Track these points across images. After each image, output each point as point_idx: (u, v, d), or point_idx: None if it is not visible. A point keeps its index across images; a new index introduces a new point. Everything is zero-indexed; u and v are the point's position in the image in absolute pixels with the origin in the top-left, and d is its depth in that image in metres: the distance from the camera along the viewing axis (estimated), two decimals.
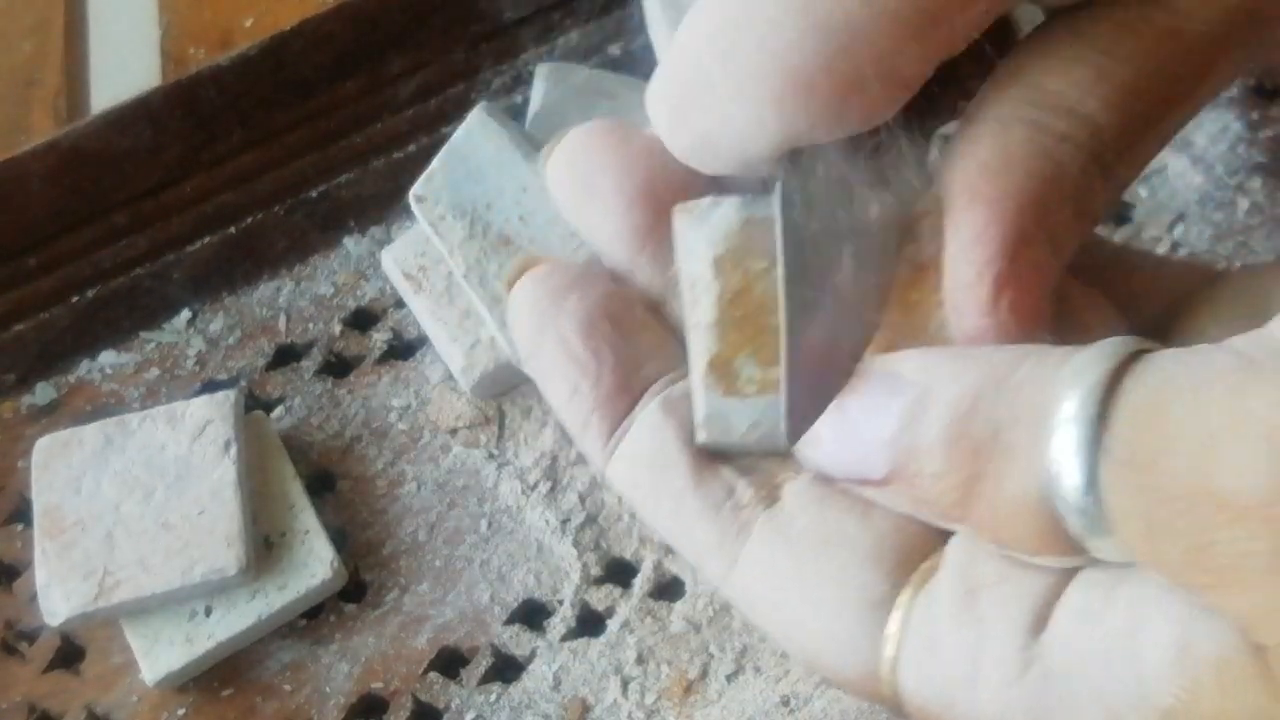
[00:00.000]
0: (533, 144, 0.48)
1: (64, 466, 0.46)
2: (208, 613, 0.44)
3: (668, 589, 0.44)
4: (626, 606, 0.44)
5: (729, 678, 0.43)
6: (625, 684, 0.43)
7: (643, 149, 0.26)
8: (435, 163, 0.48)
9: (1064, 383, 0.20)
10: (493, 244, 0.46)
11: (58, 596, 0.44)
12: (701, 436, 0.24)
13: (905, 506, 0.23)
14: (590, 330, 0.25)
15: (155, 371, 0.51)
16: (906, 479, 0.22)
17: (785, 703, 0.41)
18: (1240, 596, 0.19)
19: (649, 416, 0.25)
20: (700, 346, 0.24)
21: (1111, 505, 0.20)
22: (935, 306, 0.24)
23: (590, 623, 0.44)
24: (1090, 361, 0.20)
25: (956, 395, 0.21)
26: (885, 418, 0.22)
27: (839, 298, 0.23)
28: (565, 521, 0.45)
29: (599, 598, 0.44)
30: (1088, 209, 0.23)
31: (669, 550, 0.45)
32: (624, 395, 0.25)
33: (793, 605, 0.23)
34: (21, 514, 0.48)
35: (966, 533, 0.22)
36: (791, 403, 0.23)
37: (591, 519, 0.45)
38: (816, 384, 0.23)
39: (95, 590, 0.43)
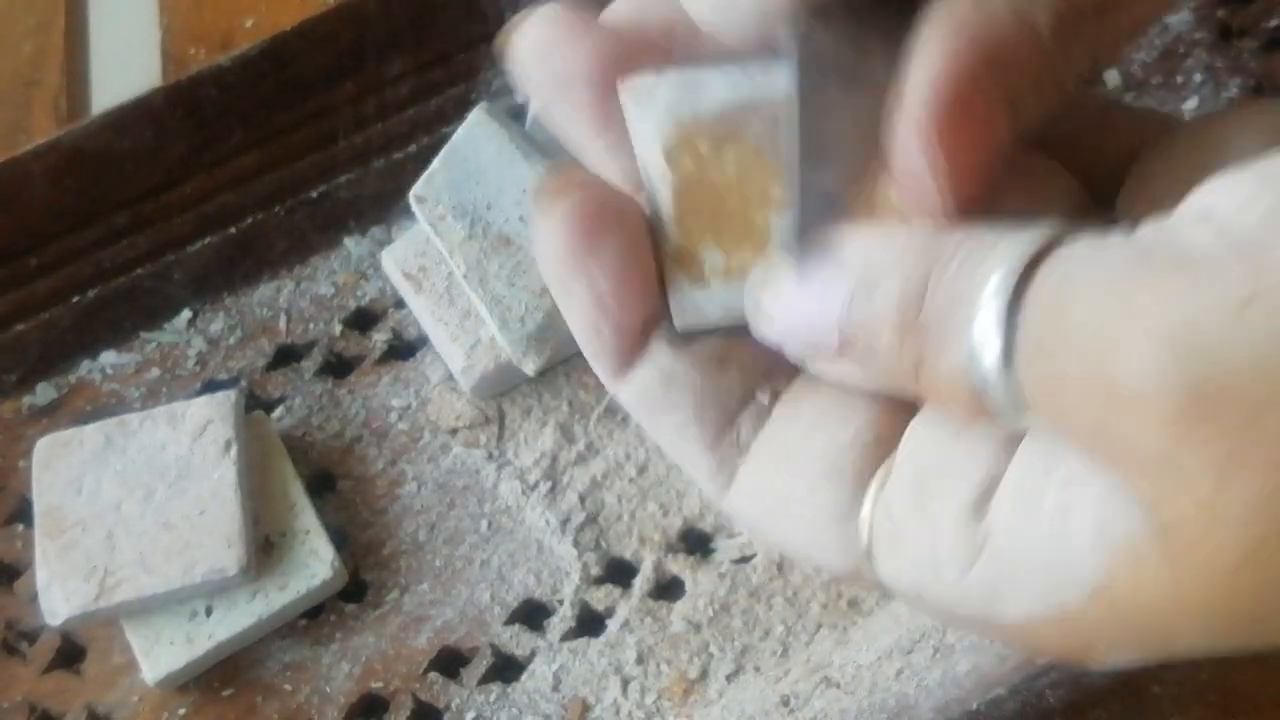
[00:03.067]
0: (533, 144, 0.48)
1: (65, 467, 0.46)
2: (208, 612, 0.44)
3: (667, 589, 0.44)
4: (626, 606, 0.44)
5: (729, 677, 0.43)
6: (625, 684, 0.43)
7: (602, 37, 0.26)
8: (436, 163, 0.48)
9: (988, 268, 0.21)
10: (493, 244, 0.46)
11: (58, 596, 0.44)
12: (677, 324, 0.25)
13: (861, 377, 0.24)
14: (621, 282, 0.26)
15: (156, 371, 0.51)
16: (859, 354, 0.23)
17: (785, 702, 0.41)
18: (1139, 479, 0.20)
19: (657, 357, 0.26)
20: (663, 238, 0.25)
21: (1025, 389, 0.21)
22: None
23: (590, 623, 0.44)
24: (1011, 249, 0.21)
25: (902, 280, 0.22)
26: (831, 301, 0.23)
27: (841, 148, 0.24)
28: (565, 521, 0.46)
29: (599, 598, 0.45)
30: (1058, 76, 0.24)
31: (669, 550, 0.45)
32: (640, 334, 0.26)
33: (778, 520, 0.25)
34: (22, 514, 0.48)
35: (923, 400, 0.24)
36: (800, 255, 0.23)
37: (591, 519, 0.45)
38: (820, 239, 0.24)
39: (96, 590, 0.43)
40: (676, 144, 0.25)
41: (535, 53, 0.26)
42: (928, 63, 0.23)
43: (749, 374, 0.26)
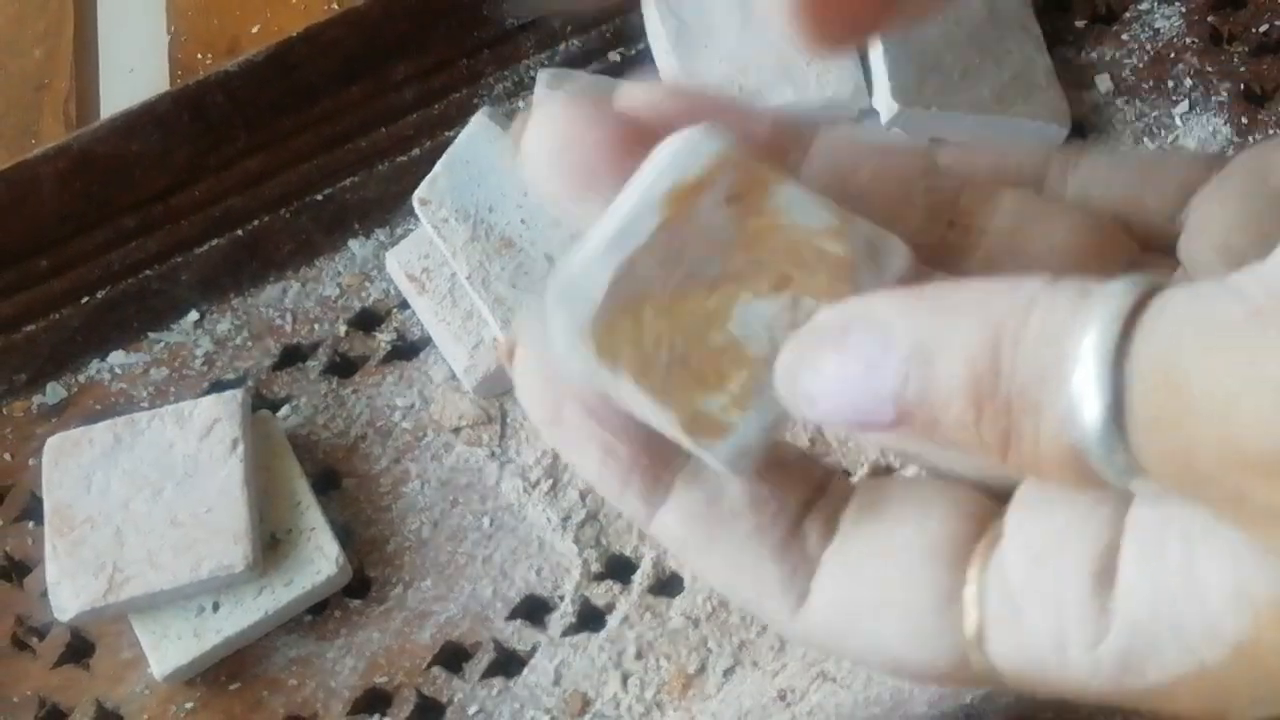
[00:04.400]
0: None
1: (74, 465, 0.46)
2: (215, 608, 0.45)
3: (667, 585, 0.45)
4: (626, 602, 0.45)
5: (727, 672, 0.43)
6: (625, 678, 0.43)
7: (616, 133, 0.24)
8: (439, 166, 0.48)
9: (1082, 321, 0.20)
10: (495, 246, 0.47)
11: (68, 593, 0.44)
12: (732, 469, 0.24)
13: (920, 444, 0.22)
14: (627, 427, 0.24)
15: (164, 371, 0.51)
16: (921, 427, 0.22)
17: (782, 696, 0.42)
18: None
19: (698, 473, 0.24)
20: (662, 416, 0.23)
21: (1143, 457, 0.20)
22: None
23: (591, 618, 0.45)
24: (1107, 299, 0.20)
25: (967, 345, 0.20)
26: (882, 373, 0.21)
27: None
28: (566, 519, 0.46)
29: (599, 593, 0.45)
30: None
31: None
32: (661, 449, 0.24)
33: (868, 623, 0.23)
34: (32, 512, 0.49)
35: (995, 466, 0.22)
36: None
37: (592, 516, 0.46)
38: None
39: (105, 586, 0.44)
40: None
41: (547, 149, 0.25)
42: None
43: (803, 485, 0.24)
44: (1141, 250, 0.25)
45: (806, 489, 0.24)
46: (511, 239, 0.47)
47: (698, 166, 0.23)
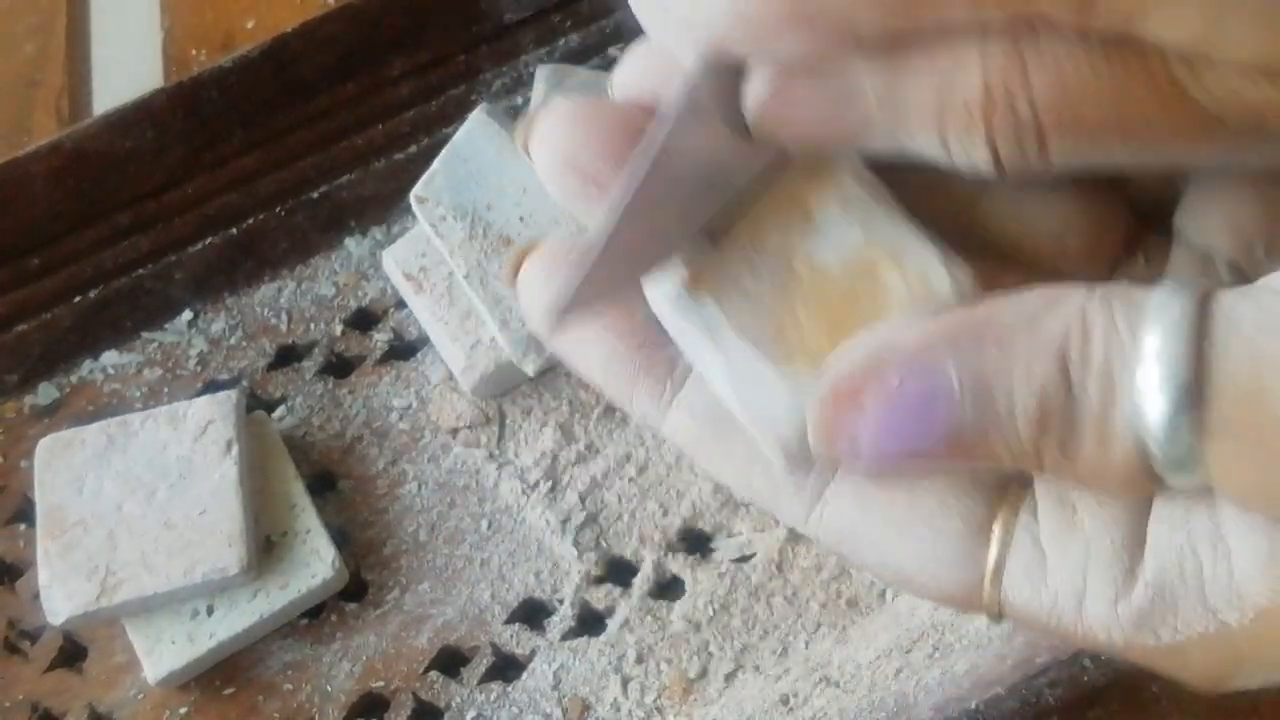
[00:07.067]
0: None
1: (66, 466, 0.46)
2: (209, 612, 0.44)
3: (667, 588, 0.45)
4: (626, 606, 0.44)
5: (728, 676, 0.43)
6: (625, 683, 0.43)
7: (617, 123, 0.25)
8: (436, 164, 0.48)
9: (1140, 343, 0.20)
10: (493, 245, 0.46)
11: (60, 596, 0.44)
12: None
13: (968, 466, 0.23)
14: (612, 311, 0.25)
15: (157, 371, 0.51)
16: (966, 450, 0.22)
17: (784, 701, 0.42)
18: None
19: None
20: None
21: (1218, 474, 0.20)
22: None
23: (590, 622, 0.45)
24: (1161, 316, 0.20)
25: (1039, 384, 0.21)
26: (936, 413, 0.22)
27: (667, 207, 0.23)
28: (565, 521, 0.46)
29: (599, 597, 0.45)
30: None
31: (669, 550, 0.45)
32: (666, 349, 0.24)
33: (888, 536, 0.24)
34: (24, 514, 0.48)
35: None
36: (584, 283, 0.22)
37: (591, 518, 0.46)
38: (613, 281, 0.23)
39: (97, 590, 0.44)
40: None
41: (552, 148, 0.26)
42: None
43: None
44: (1135, 217, 0.26)
45: None
46: (510, 237, 0.46)
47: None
